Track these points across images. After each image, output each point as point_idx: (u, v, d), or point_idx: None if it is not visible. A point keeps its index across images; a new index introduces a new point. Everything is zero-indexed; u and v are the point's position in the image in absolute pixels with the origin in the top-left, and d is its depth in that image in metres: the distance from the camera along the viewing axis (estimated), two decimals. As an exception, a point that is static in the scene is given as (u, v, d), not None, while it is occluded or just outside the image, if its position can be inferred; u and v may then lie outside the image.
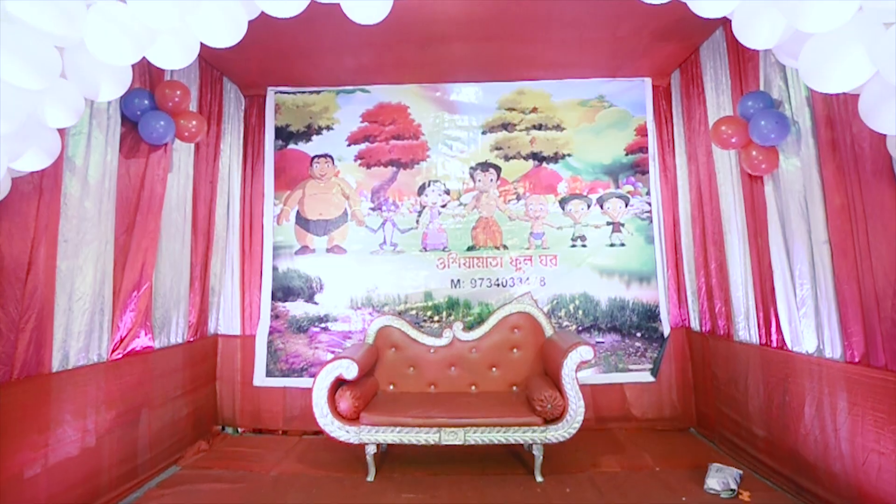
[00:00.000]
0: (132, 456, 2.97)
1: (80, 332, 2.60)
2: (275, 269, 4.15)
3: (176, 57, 1.76)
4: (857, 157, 2.28)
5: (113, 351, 2.84)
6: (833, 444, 2.52)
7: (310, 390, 3.09)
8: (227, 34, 1.74)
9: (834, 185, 2.46)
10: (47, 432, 2.39)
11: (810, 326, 2.69)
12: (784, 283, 2.85)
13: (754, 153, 2.81)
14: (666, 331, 3.98)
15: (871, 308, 2.28)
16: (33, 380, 2.32)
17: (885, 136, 1.92)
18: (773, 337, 2.99)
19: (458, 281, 4.06)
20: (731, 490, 2.81)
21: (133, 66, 1.89)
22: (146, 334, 3.10)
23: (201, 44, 1.87)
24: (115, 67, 1.72)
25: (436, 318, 4.01)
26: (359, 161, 4.24)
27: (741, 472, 2.95)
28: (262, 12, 1.80)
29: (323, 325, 4.06)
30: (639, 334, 3.99)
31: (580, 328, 3.97)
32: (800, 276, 2.74)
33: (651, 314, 4.01)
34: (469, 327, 3.77)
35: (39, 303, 2.35)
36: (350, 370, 3.01)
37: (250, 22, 1.84)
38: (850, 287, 2.40)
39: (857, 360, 2.39)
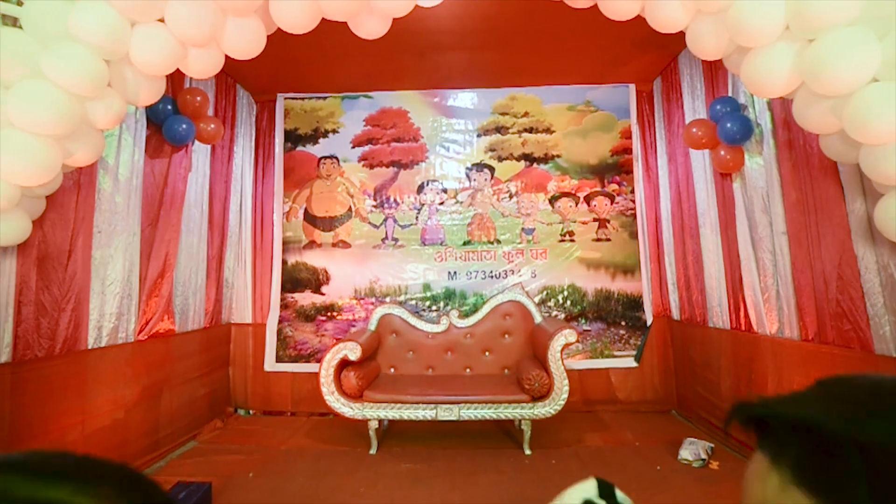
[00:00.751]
0: (155, 429, 3.20)
1: (111, 314, 2.84)
2: (284, 262, 4.39)
3: (205, 68, 2.00)
4: (808, 156, 2.51)
5: (139, 332, 3.08)
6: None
7: (316, 374, 3.31)
8: (250, 48, 1.97)
9: (790, 181, 2.68)
10: (84, 403, 2.63)
11: (772, 310, 2.92)
12: (750, 272, 3.08)
13: (722, 153, 3.04)
14: (648, 319, 4.21)
15: (821, 291, 2.50)
16: (72, 354, 2.56)
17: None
18: (742, 322, 3.21)
19: (455, 273, 4.30)
20: (702, 460, 3.02)
21: (164, 75, 2.13)
22: (168, 319, 3.34)
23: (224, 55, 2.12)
24: (153, 78, 1.96)
25: (434, 307, 4.24)
26: (362, 162, 4.48)
27: (712, 445, 3.17)
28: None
29: (329, 314, 4.29)
30: (623, 323, 4.21)
31: (568, 317, 4.19)
32: (763, 265, 2.97)
33: (634, 304, 4.23)
34: (464, 315, 3.99)
35: (78, 286, 2.59)
36: (354, 351, 3.24)
37: (267, 36, 2.08)
38: (804, 273, 2.63)
39: (810, 338, 2.61)
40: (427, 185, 4.44)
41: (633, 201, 4.35)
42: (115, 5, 1.74)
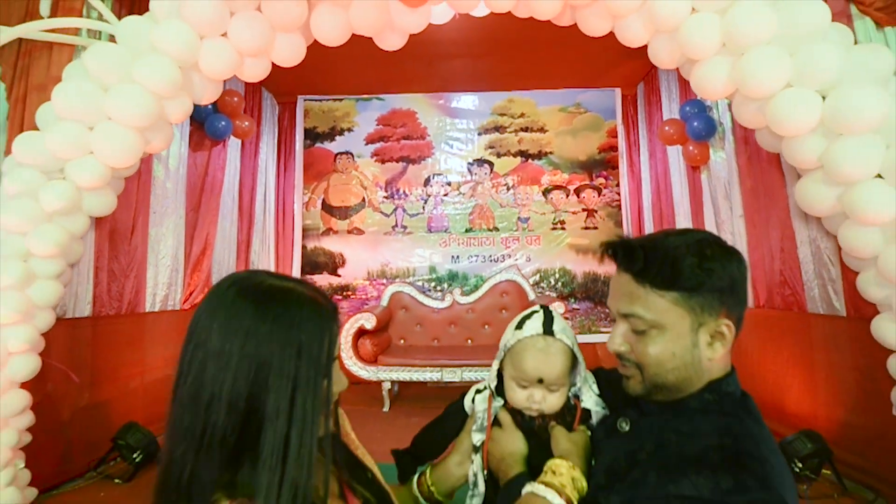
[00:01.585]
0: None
1: (163, 283, 3.25)
2: (304, 247, 4.80)
3: (256, 74, 2.39)
4: (758, 149, 2.87)
5: (184, 301, 3.48)
6: (747, 371, 3.13)
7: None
8: (293, 57, 2.37)
9: (746, 171, 3.09)
10: (143, 358, 3.04)
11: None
12: (715, 251, 3.48)
13: (691, 148, 3.44)
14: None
15: (769, 263, 2.91)
16: (134, 315, 2.97)
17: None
18: (709, 295, 3.61)
19: (458, 257, 4.70)
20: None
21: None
22: (207, 291, 3.74)
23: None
24: (215, 81, 2.35)
25: (438, 287, 4.64)
26: (375, 157, 4.89)
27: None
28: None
29: (344, 293, 4.70)
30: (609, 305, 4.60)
31: (560, 296, 4.59)
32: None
33: (619, 286, 4.63)
34: (466, 293, 4.40)
35: (138, 258, 3.00)
36: (370, 321, 3.64)
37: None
38: (756, 250, 3.03)
39: (762, 304, 3.02)
40: (433, 178, 4.85)
41: (619, 194, 4.76)
42: (189, 23, 2.14)
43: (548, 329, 0.94)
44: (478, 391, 1.07)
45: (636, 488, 0.69)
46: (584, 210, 4.74)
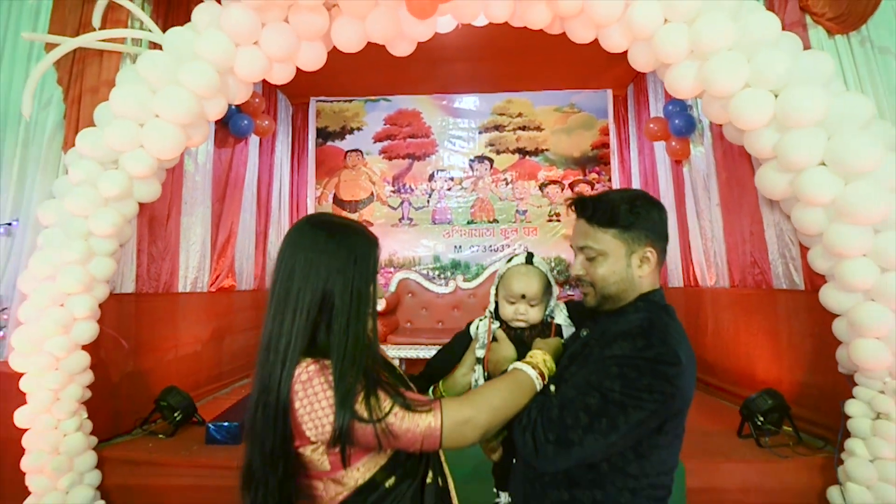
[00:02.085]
0: (219, 364, 3.90)
1: (193, 267, 3.54)
2: (316, 238, 5.09)
3: (283, 77, 2.68)
4: (731, 144, 3.19)
5: (210, 285, 3.78)
6: (723, 345, 3.43)
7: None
8: (316, 62, 2.66)
9: (722, 164, 3.37)
10: (175, 333, 3.34)
11: (711, 267, 3.61)
12: (695, 238, 3.77)
13: (673, 144, 3.73)
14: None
15: (742, 247, 3.19)
16: (169, 295, 3.27)
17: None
18: (691, 279, 3.90)
19: (460, 247, 4.99)
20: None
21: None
22: (231, 277, 4.04)
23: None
24: (247, 84, 2.65)
25: (442, 275, 4.94)
26: (382, 155, 5.18)
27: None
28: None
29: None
30: (601, 289, 4.90)
31: (556, 283, 4.86)
32: (704, 232, 3.66)
33: (610, 273, 4.92)
34: (468, 279, 4.69)
35: (173, 243, 3.29)
36: (380, 303, 3.93)
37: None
38: (731, 235, 3.32)
39: (736, 284, 3.30)
40: (437, 174, 5.15)
41: (610, 188, 5.04)
42: (226, 33, 2.43)
43: (528, 261, 1.25)
44: (480, 320, 1.36)
45: (586, 360, 0.98)
46: (578, 203, 5.02)
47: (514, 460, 1.16)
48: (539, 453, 0.91)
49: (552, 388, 1.03)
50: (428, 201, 5.09)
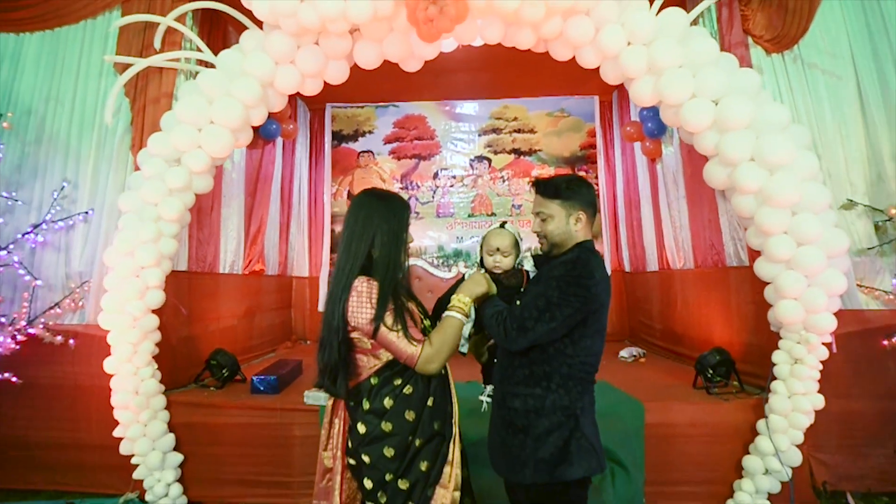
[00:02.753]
0: (250, 338, 4.40)
1: (230, 252, 4.05)
2: (332, 230, 5.60)
3: (313, 89, 3.18)
4: (694, 144, 3.68)
5: (244, 268, 4.29)
6: (689, 318, 3.91)
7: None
8: (340, 77, 3.15)
9: (688, 161, 3.85)
10: (217, 308, 3.84)
11: (679, 251, 4.09)
12: (667, 227, 4.25)
13: (648, 144, 4.21)
14: (608, 271, 5.37)
15: (703, 232, 3.67)
16: (213, 275, 3.77)
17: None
18: (664, 263, 4.38)
19: (461, 237, 5.49)
20: (634, 356, 4.20)
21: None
22: (260, 263, 4.55)
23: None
24: (284, 95, 3.15)
25: (446, 263, 5.43)
26: (392, 155, 5.68)
27: (644, 351, 4.35)
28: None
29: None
30: (588, 275, 5.38)
31: (547, 271, 5.36)
32: (674, 221, 4.14)
33: (597, 261, 5.40)
34: (469, 267, 5.18)
35: (216, 231, 3.80)
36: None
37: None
38: (695, 222, 3.79)
39: (699, 265, 3.78)
40: (440, 172, 5.64)
41: (597, 184, 5.52)
42: (268, 54, 2.93)
43: (502, 226, 1.74)
44: (470, 268, 1.85)
45: (538, 282, 1.47)
46: (567, 198, 5.51)
47: (495, 360, 1.65)
48: (508, 338, 1.40)
49: (518, 302, 1.52)
50: (433, 197, 5.59)
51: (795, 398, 2.54)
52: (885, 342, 2.72)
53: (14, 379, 2.81)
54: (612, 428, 2.57)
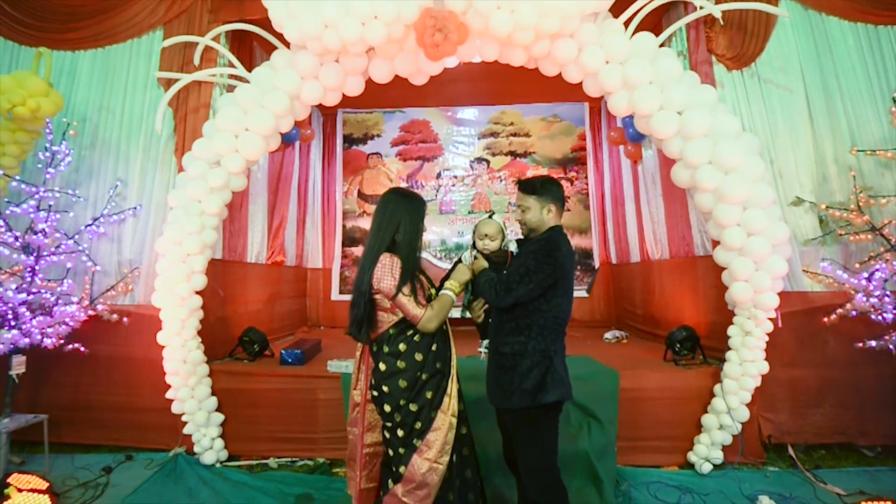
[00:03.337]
0: (271, 321, 4.82)
1: (256, 244, 4.47)
2: (344, 226, 6.03)
3: (333, 100, 3.60)
4: (668, 148, 4.09)
5: (267, 259, 4.71)
6: (665, 303, 4.33)
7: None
8: (357, 90, 3.57)
9: (664, 164, 4.26)
10: (246, 293, 4.26)
11: (657, 244, 4.51)
12: (647, 222, 4.67)
13: (629, 147, 4.62)
14: (596, 264, 5.80)
15: (677, 226, 4.09)
16: (241, 263, 4.19)
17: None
18: (645, 255, 4.80)
19: (462, 232, 5.91)
20: (617, 338, 4.63)
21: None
22: (281, 254, 4.98)
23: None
24: (308, 106, 3.56)
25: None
26: (398, 157, 6.10)
27: (627, 334, 4.77)
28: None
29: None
30: (579, 267, 5.80)
31: (541, 263, 5.78)
32: (653, 216, 4.56)
33: (587, 254, 5.83)
34: (464, 249, 5.59)
35: (244, 224, 4.22)
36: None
37: (361, 82, 3.69)
38: (670, 217, 4.21)
39: (673, 256, 4.20)
40: (443, 172, 6.06)
41: (587, 184, 5.94)
42: (296, 71, 3.35)
43: (490, 217, 2.16)
44: (466, 250, 2.27)
45: (512, 264, 1.90)
46: (559, 197, 5.93)
47: (490, 319, 2.07)
48: (498, 297, 1.82)
49: (504, 272, 1.94)
50: (436, 195, 6.01)
51: (745, 365, 2.96)
52: (825, 319, 3.13)
53: (82, 349, 3.23)
54: (591, 391, 3.00)
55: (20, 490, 2.39)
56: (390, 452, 1.84)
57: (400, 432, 1.79)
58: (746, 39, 3.44)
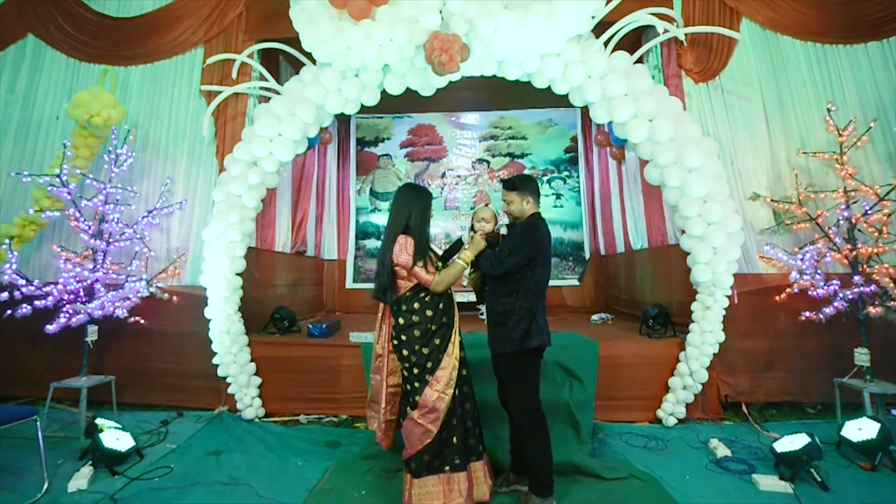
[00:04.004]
0: (293, 304, 5.24)
1: (282, 235, 4.97)
2: (357, 221, 6.52)
3: (353, 109, 4.10)
4: (647, 150, 4.56)
5: (291, 249, 5.22)
6: (646, 288, 4.81)
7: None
8: (373, 100, 4.06)
9: (641, 163, 4.72)
10: (274, 278, 4.77)
11: (637, 234, 4.98)
12: (629, 216, 5.14)
13: (614, 149, 5.09)
14: (587, 255, 6.28)
15: (654, 219, 4.56)
16: (271, 252, 4.69)
17: (644, 140, 4.21)
18: (627, 246, 5.28)
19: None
20: (603, 320, 5.11)
21: (326, 111, 4.26)
22: (303, 245, 5.48)
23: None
24: (331, 114, 4.06)
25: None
26: (406, 158, 6.59)
27: (613, 316, 5.25)
28: (382, 89, 4.15)
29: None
30: (571, 258, 6.28)
31: (536, 255, 6.26)
32: (634, 211, 5.03)
33: (578, 246, 6.30)
34: (464, 230, 6.08)
35: (272, 217, 4.72)
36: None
37: (377, 93, 4.19)
38: (648, 210, 4.69)
39: (652, 246, 4.68)
40: (447, 172, 6.55)
41: (578, 182, 6.42)
42: (322, 84, 3.85)
43: (485, 206, 2.64)
44: (465, 232, 2.76)
45: (503, 244, 2.38)
46: (554, 194, 6.42)
47: (486, 287, 2.55)
48: (492, 267, 2.30)
49: (497, 249, 2.42)
50: (441, 193, 6.49)
51: (705, 335, 3.44)
52: (777, 297, 3.59)
53: (142, 321, 3.74)
54: (574, 357, 3.47)
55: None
56: (408, 387, 2.32)
57: (415, 370, 2.28)
58: (711, 56, 3.92)
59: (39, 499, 2.45)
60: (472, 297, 2.97)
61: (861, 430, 2.69)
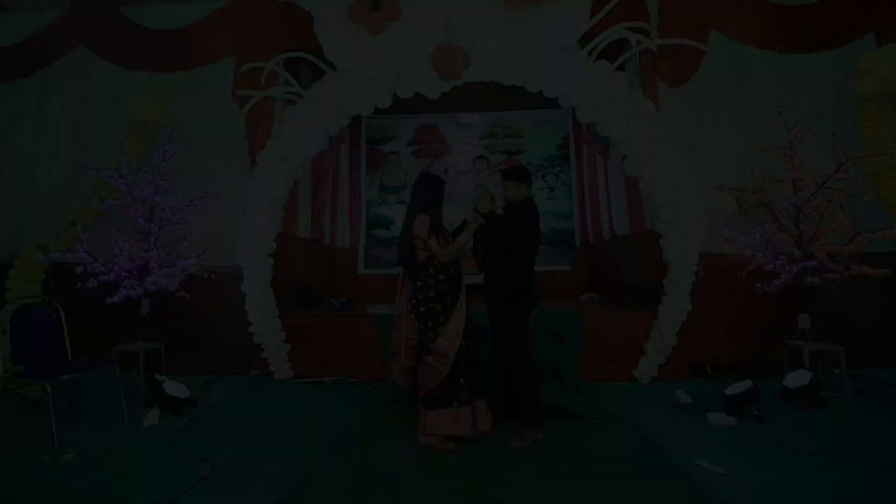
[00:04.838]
0: (315, 285, 5.81)
1: (303, 224, 5.46)
2: (367, 212, 6.99)
3: (367, 111, 4.56)
4: (629, 147, 5.03)
5: (310, 236, 5.69)
6: (626, 269, 5.29)
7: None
8: (385, 102, 4.53)
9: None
10: (298, 261, 5.24)
11: (622, 222, 5.46)
12: (614, 206, 5.62)
13: (600, 146, 5.57)
14: (577, 242, 6.75)
15: (637, 208, 5.04)
16: (297, 239, 5.18)
17: (626, 137, 4.68)
18: (614, 232, 5.76)
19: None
20: (591, 299, 5.59)
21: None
22: (320, 234, 5.96)
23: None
24: (349, 115, 4.52)
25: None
26: (412, 155, 7.06)
27: (601, 296, 5.73)
28: (394, 93, 4.62)
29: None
30: (563, 246, 6.76)
31: (531, 243, 6.74)
32: (619, 202, 5.51)
33: (569, 234, 6.78)
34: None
35: (296, 207, 5.20)
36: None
37: (389, 96, 4.65)
38: (630, 202, 5.17)
39: (635, 232, 5.15)
40: (450, 168, 7.02)
41: (570, 176, 6.89)
42: (343, 90, 4.32)
43: (485, 190, 3.12)
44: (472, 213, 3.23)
45: (504, 217, 2.86)
46: (548, 187, 6.89)
47: (486, 260, 3.03)
48: (491, 241, 2.79)
49: (497, 226, 2.89)
50: (444, 187, 6.96)
51: (674, 306, 3.93)
52: (738, 275, 4.07)
53: (187, 295, 4.22)
54: (562, 325, 3.94)
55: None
56: (423, 338, 2.80)
57: (430, 323, 2.76)
58: (681, 64, 4.39)
59: (123, 429, 2.94)
60: (478, 281, 3.37)
61: (798, 378, 3.17)
